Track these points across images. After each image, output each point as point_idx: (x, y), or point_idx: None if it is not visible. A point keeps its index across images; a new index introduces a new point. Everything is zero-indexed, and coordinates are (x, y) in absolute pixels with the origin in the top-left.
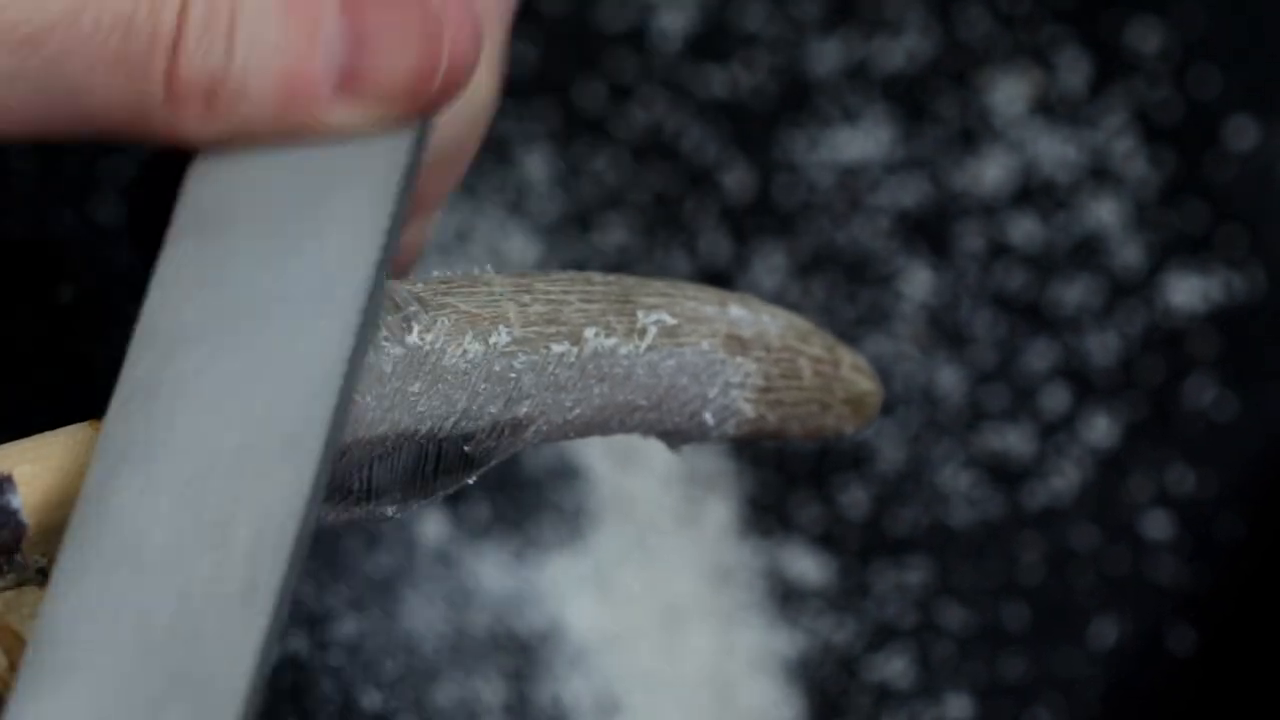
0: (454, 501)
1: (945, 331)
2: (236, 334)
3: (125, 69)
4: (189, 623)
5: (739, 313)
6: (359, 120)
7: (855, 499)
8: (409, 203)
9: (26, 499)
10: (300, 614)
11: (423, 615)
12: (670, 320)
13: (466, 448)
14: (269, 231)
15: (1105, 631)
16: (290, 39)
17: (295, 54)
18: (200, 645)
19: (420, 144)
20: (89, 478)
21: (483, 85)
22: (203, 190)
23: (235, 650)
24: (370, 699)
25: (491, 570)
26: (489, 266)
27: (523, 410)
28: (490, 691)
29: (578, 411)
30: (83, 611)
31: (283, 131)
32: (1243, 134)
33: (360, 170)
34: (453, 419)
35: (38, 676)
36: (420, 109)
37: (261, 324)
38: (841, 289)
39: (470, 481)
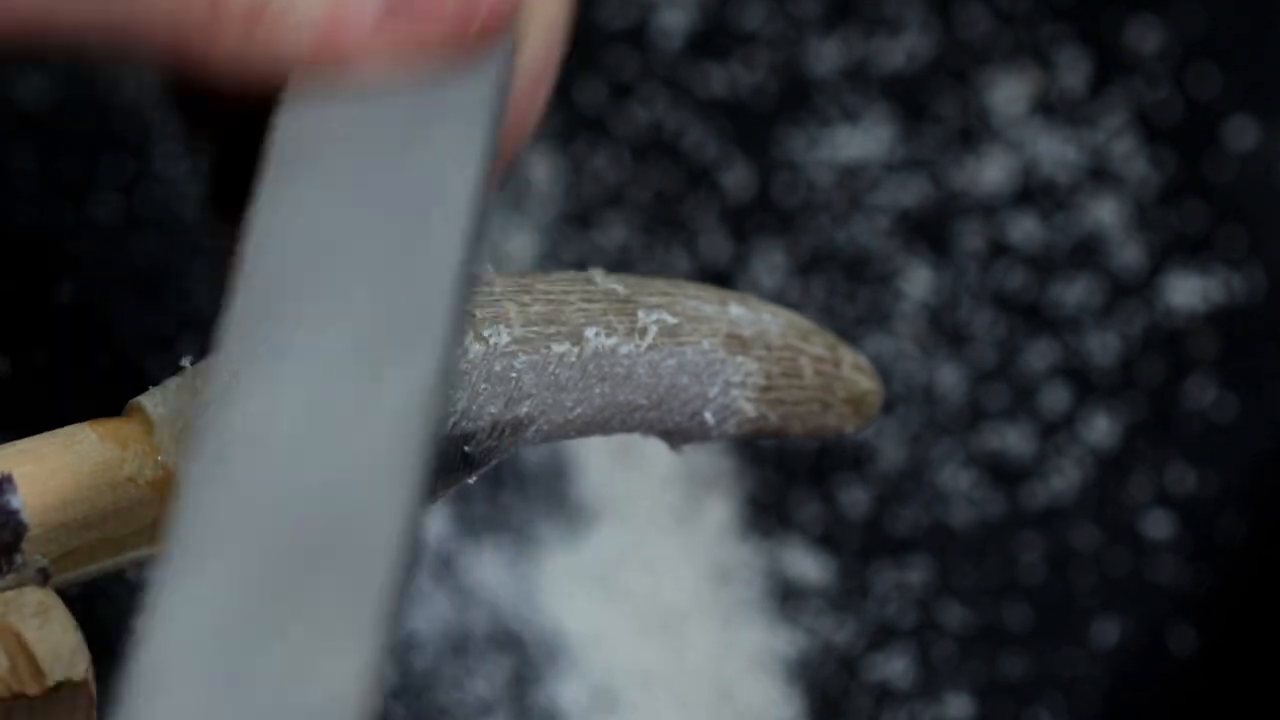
0: (454, 501)
1: (945, 331)
2: (346, 253)
3: None
4: (329, 503)
5: (740, 312)
6: (401, 54)
7: (855, 498)
8: (500, 127)
9: (27, 499)
10: None
11: (422, 614)
12: (671, 319)
13: (467, 448)
14: (367, 163)
15: (1106, 631)
16: None
17: None
18: (343, 521)
19: (504, 72)
20: (210, 393)
21: (538, 34)
22: (295, 127)
23: (380, 522)
24: None
25: (491, 569)
26: (489, 266)
27: (523, 410)
28: (490, 690)
29: (578, 411)
30: (219, 500)
31: (324, 62)
32: (1243, 134)
33: (449, 103)
34: (453, 419)
35: (179, 559)
36: (468, 43)
37: (370, 243)
38: (841, 288)
39: (471, 481)
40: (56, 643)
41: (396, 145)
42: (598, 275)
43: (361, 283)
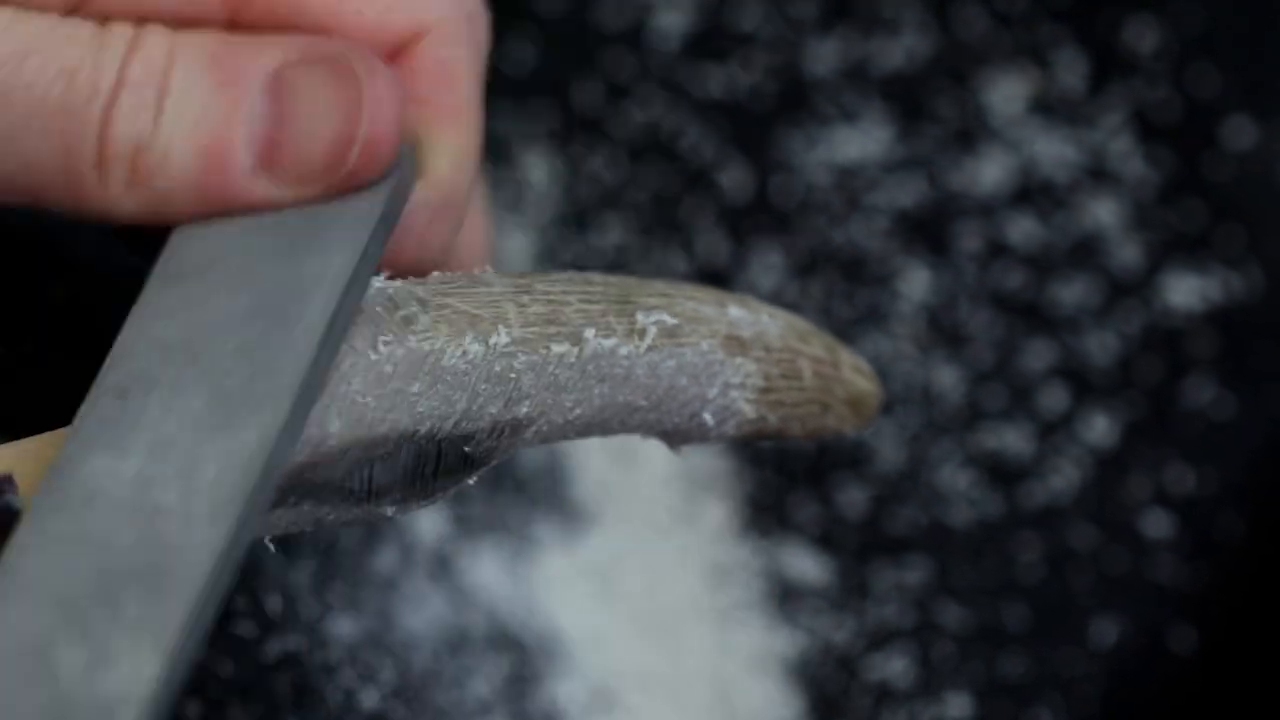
0: (453, 501)
1: (943, 331)
2: (208, 345)
3: (62, 122)
4: (152, 539)
5: (739, 313)
6: (278, 194)
7: (854, 499)
8: (376, 258)
9: (27, 499)
10: (299, 613)
11: (421, 614)
12: (670, 320)
13: (466, 448)
14: (242, 274)
15: (1105, 631)
16: (214, 110)
17: (217, 125)
18: (161, 553)
19: (393, 199)
20: (60, 455)
21: (444, 164)
22: (181, 245)
23: (194, 552)
24: (369, 698)
25: (490, 569)
26: (488, 267)
27: (523, 411)
28: (488, 690)
29: (578, 412)
30: (49, 539)
31: (205, 204)
32: (1241, 133)
33: (329, 225)
34: (453, 419)
35: (5, 579)
36: (339, 183)
37: (231, 337)
38: (839, 289)
39: (470, 482)
40: None
41: (272, 260)
42: (597, 276)
43: (216, 368)
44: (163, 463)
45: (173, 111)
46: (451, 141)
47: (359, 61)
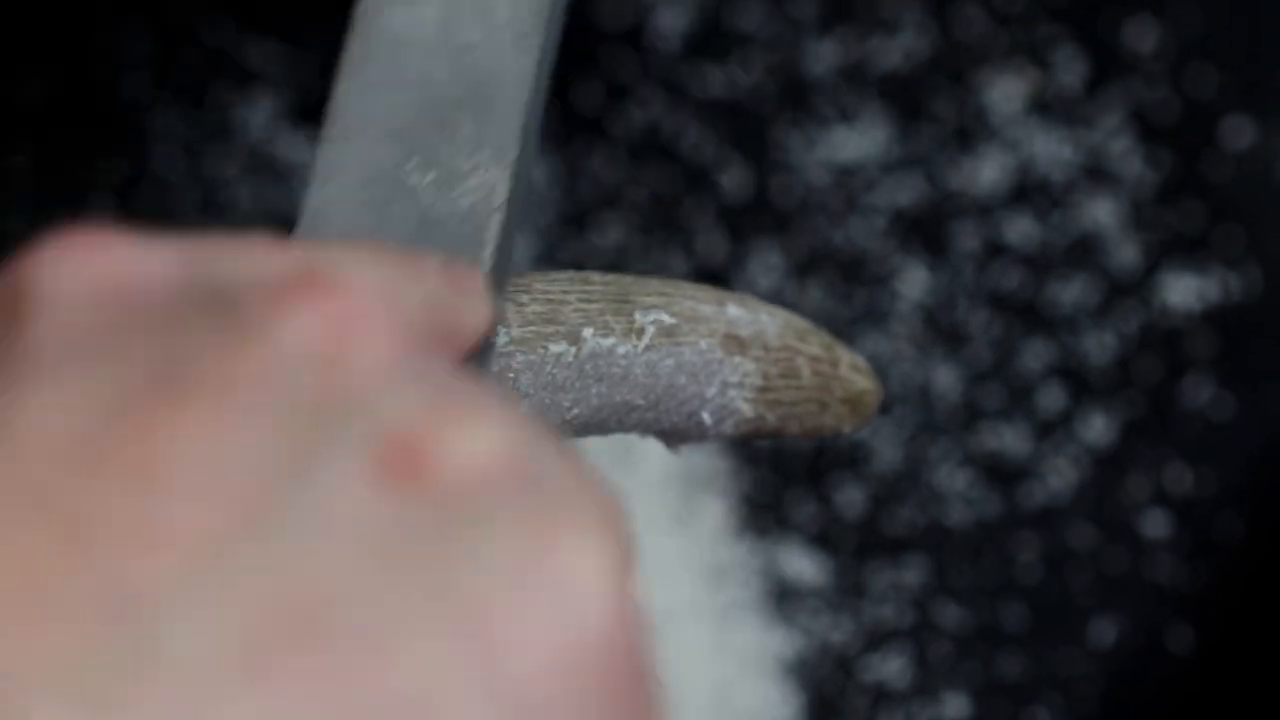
0: None
1: (941, 331)
2: None
3: None
4: (467, 71)
5: (737, 312)
6: None
7: (851, 498)
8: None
9: None
10: None
11: None
12: (668, 320)
13: None
14: None
15: (1104, 630)
16: None
17: None
18: (479, 82)
19: None
20: (356, 11)
21: None
22: None
23: (509, 76)
24: None
25: None
26: None
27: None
28: None
29: (576, 411)
30: (370, 83)
31: None
32: (1239, 133)
33: None
34: None
35: (338, 123)
36: None
37: None
38: (838, 288)
39: None
40: None
41: None
42: (595, 275)
43: None
44: (459, 5)
45: None
46: None
47: None
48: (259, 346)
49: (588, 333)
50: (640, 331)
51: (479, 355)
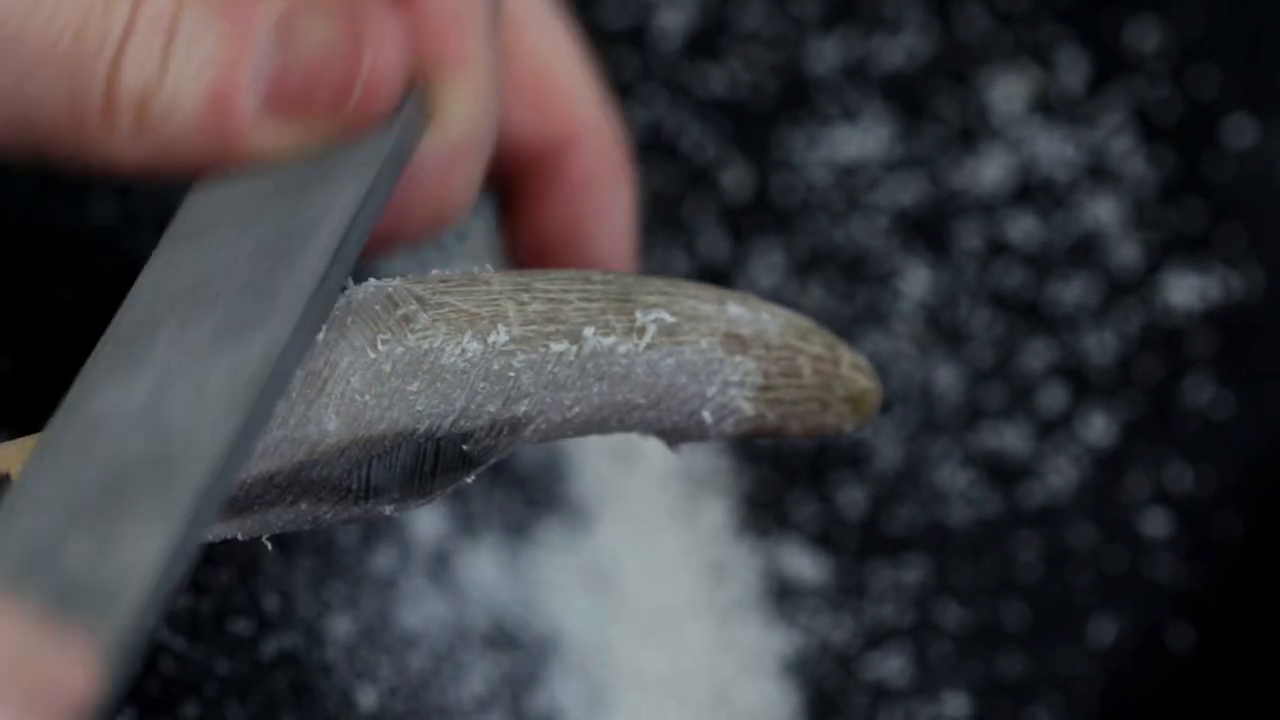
0: (451, 500)
1: (943, 330)
2: (211, 292)
3: (71, 69)
4: (160, 443)
5: (738, 311)
6: (283, 137)
7: (852, 497)
8: (385, 194)
9: None
10: (297, 612)
11: (419, 613)
12: (669, 319)
13: (465, 446)
14: (249, 227)
15: (1104, 630)
16: (221, 54)
17: (223, 69)
18: (169, 451)
19: (401, 141)
20: (68, 394)
21: (456, 108)
22: (194, 201)
23: (202, 445)
24: (367, 697)
25: (488, 568)
26: (488, 265)
27: (521, 409)
28: (487, 689)
29: (576, 410)
30: (59, 457)
31: (211, 149)
32: (1241, 133)
33: (335, 169)
34: (451, 418)
35: (19, 487)
36: (344, 123)
37: (238, 275)
38: (839, 287)
39: (469, 480)
40: None
41: (280, 206)
42: (596, 274)
43: (223, 303)
44: (171, 385)
45: (180, 56)
46: (462, 86)
47: (362, 5)
48: None
49: (589, 331)
50: (641, 330)
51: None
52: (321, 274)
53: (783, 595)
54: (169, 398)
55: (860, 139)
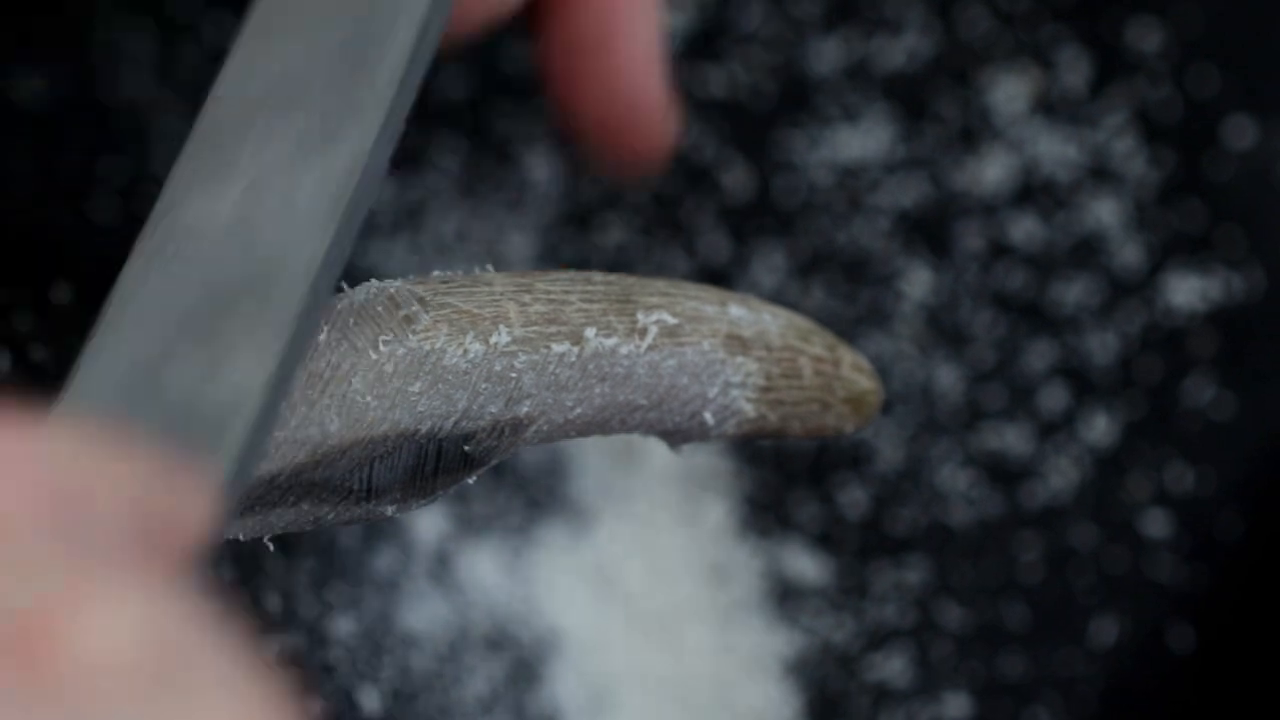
0: (453, 500)
1: (944, 331)
2: (293, 94)
3: None
4: (255, 258)
5: (739, 312)
6: None
7: (854, 498)
8: (444, 12)
9: None
10: (299, 612)
11: (421, 614)
12: (671, 320)
13: (467, 447)
14: (324, 24)
15: (1105, 630)
16: None
17: None
18: (265, 268)
19: None
20: (157, 204)
21: None
22: (265, 4)
23: (296, 262)
24: (368, 697)
25: (490, 569)
26: (489, 266)
27: (523, 410)
28: (488, 690)
29: (578, 411)
30: (154, 272)
31: None
32: (1242, 133)
33: None
34: (453, 419)
35: (109, 314)
36: None
37: (316, 82)
38: (841, 289)
39: (470, 481)
40: None
41: (353, 2)
42: (598, 275)
43: (305, 106)
44: (259, 194)
45: None
46: None
47: None
48: None
49: (590, 332)
50: (643, 331)
51: (204, 556)
52: (399, 78)
53: (784, 596)
54: (259, 210)
55: (861, 140)
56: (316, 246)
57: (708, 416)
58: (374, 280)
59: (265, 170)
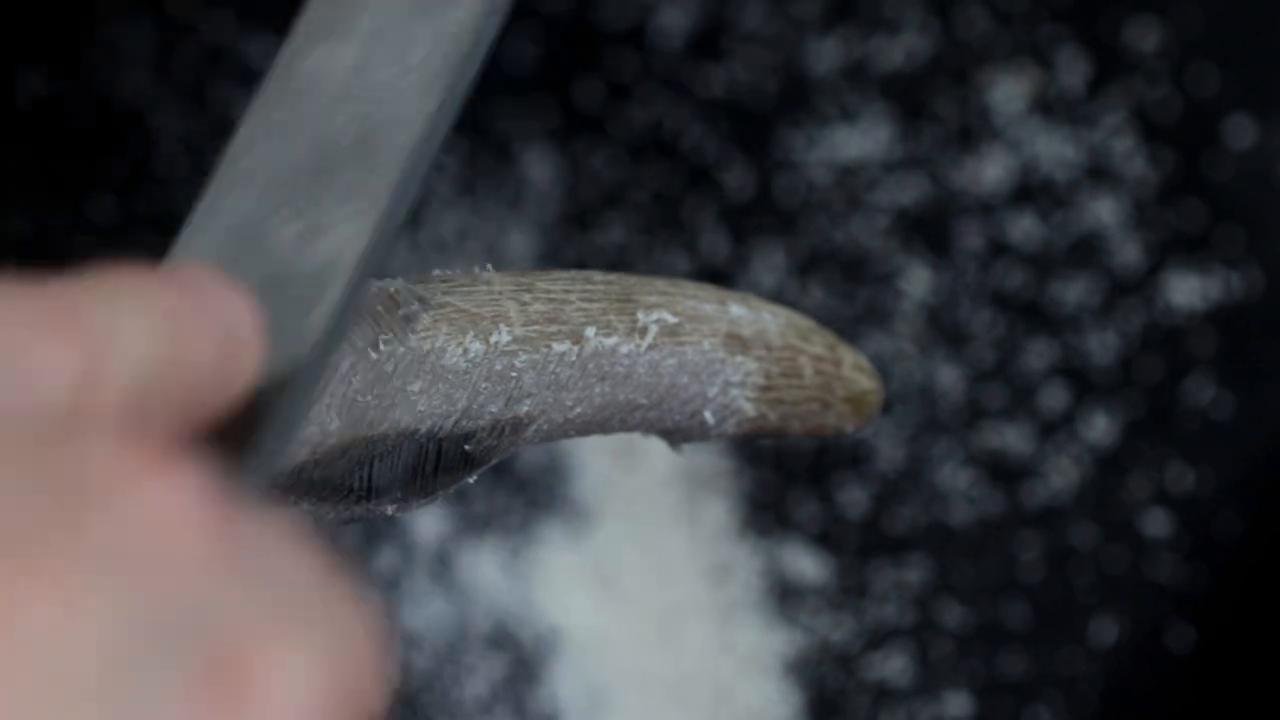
0: (453, 500)
1: (944, 330)
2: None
3: None
4: (365, 118)
5: (739, 311)
6: None
7: (854, 498)
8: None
9: None
10: None
11: (422, 613)
12: (671, 319)
13: (467, 447)
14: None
15: (1104, 629)
16: None
17: None
18: (373, 129)
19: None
20: (281, 53)
21: None
22: None
23: (404, 124)
24: None
25: (490, 568)
26: (489, 265)
27: (523, 409)
28: (488, 689)
29: (579, 410)
30: (270, 128)
31: None
32: (1241, 133)
33: None
34: (453, 418)
35: (226, 163)
36: None
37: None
38: (840, 287)
39: (471, 480)
40: None
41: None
42: (598, 274)
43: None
44: (378, 47)
45: None
46: None
47: None
48: (102, 525)
49: (590, 332)
50: (643, 331)
51: (280, 407)
52: None
53: (784, 595)
54: (374, 65)
55: (860, 139)
56: (425, 107)
57: (708, 415)
58: (374, 279)
59: (382, 24)
